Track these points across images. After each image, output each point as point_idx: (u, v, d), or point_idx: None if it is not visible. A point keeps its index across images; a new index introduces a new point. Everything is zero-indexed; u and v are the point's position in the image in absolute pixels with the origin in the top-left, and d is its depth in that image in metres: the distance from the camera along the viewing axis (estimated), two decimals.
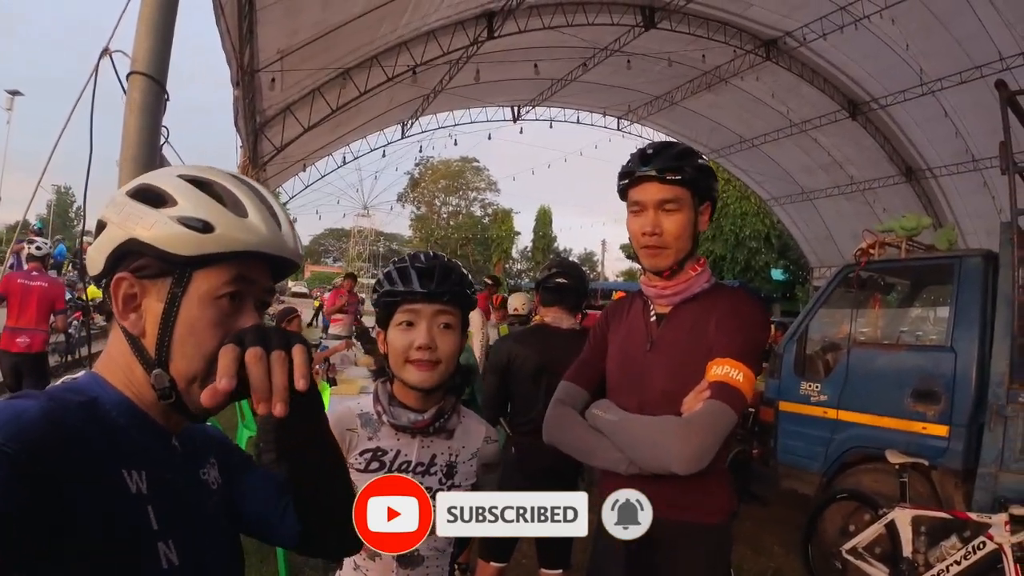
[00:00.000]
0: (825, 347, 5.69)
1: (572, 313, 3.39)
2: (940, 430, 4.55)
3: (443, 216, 63.76)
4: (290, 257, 1.00)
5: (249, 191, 0.97)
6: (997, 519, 3.67)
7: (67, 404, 0.83)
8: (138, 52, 2.60)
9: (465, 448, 1.75)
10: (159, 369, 0.91)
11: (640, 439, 1.76)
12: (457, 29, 13.89)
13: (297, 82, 12.24)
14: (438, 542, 1.71)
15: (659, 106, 20.19)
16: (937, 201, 18.24)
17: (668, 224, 1.82)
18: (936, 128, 15.93)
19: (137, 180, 0.97)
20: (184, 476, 0.99)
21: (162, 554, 0.86)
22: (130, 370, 0.93)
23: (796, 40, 15.25)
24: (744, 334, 1.80)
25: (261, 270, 0.99)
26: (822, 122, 17.89)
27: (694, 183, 1.83)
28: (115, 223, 0.92)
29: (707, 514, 1.83)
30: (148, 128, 2.58)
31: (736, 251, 34.19)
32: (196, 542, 0.94)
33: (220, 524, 1.05)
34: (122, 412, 0.91)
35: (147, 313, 0.92)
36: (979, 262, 4.74)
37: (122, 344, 0.94)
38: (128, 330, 0.92)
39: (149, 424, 0.94)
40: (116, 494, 0.82)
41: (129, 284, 0.92)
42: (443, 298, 1.64)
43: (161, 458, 0.94)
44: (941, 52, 13.68)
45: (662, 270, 1.88)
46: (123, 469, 0.85)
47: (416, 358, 1.62)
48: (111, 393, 0.92)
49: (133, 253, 0.91)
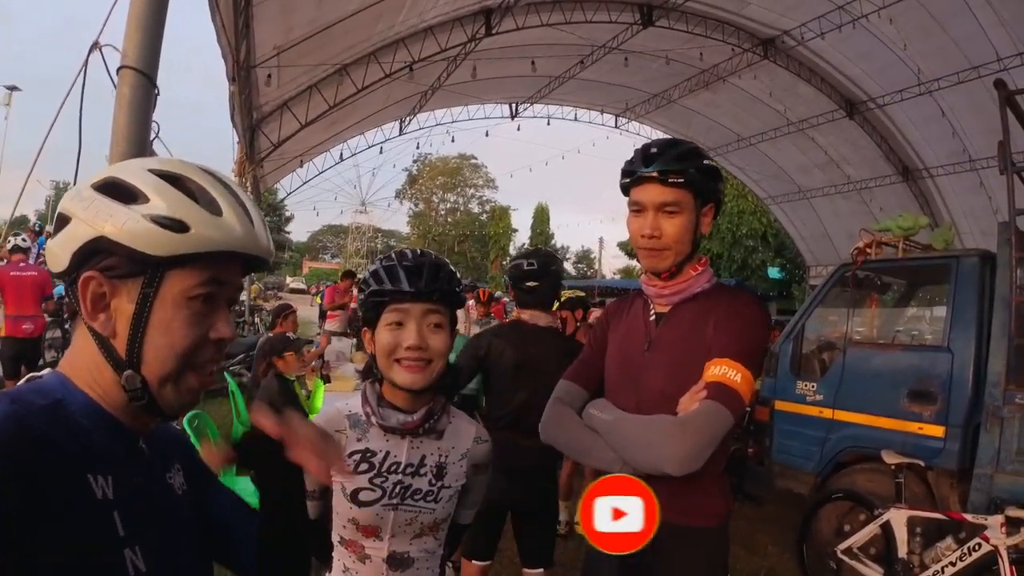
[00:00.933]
0: (821, 346, 5.69)
1: (547, 310, 3.39)
2: (936, 430, 4.54)
3: (441, 213, 64.05)
4: (263, 256, 0.97)
5: (221, 187, 0.94)
6: (993, 520, 3.65)
7: (31, 407, 0.81)
8: (128, 46, 2.57)
9: (455, 449, 1.72)
10: (130, 370, 0.89)
11: (634, 439, 1.74)
12: (455, 26, 13.90)
13: (294, 78, 12.24)
14: (428, 544, 1.69)
15: (657, 104, 20.21)
16: (934, 201, 18.28)
17: (668, 227, 1.80)
18: (933, 128, 15.98)
19: (103, 173, 0.92)
20: (151, 480, 0.97)
21: (128, 561, 0.85)
22: (98, 371, 0.90)
23: (794, 39, 15.26)
24: (744, 335, 1.77)
25: (233, 269, 0.97)
26: (819, 121, 17.94)
27: (697, 185, 1.80)
28: (81, 218, 0.88)
29: (703, 517, 1.81)
30: (138, 123, 2.54)
31: (733, 249, 34.30)
32: (164, 548, 0.92)
33: (188, 529, 1.03)
34: (87, 415, 0.88)
35: (117, 313, 0.89)
36: (976, 262, 4.73)
37: (89, 344, 0.91)
38: (97, 331, 0.89)
39: (115, 427, 0.91)
40: (81, 500, 0.81)
41: (97, 284, 0.88)
42: (432, 297, 1.61)
43: (128, 462, 0.92)
44: (939, 52, 13.71)
45: (661, 272, 1.86)
46: (88, 474, 0.83)
47: (405, 357, 1.59)
48: (76, 395, 0.89)
49: (102, 252, 0.87)
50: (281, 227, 64.72)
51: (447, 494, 1.69)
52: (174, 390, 0.92)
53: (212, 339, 0.93)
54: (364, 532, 1.64)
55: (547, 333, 3.30)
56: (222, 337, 0.94)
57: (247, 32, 9.45)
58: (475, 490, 1.80)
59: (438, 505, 1.67)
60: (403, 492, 1.64)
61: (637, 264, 2.27)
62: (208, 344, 0.93)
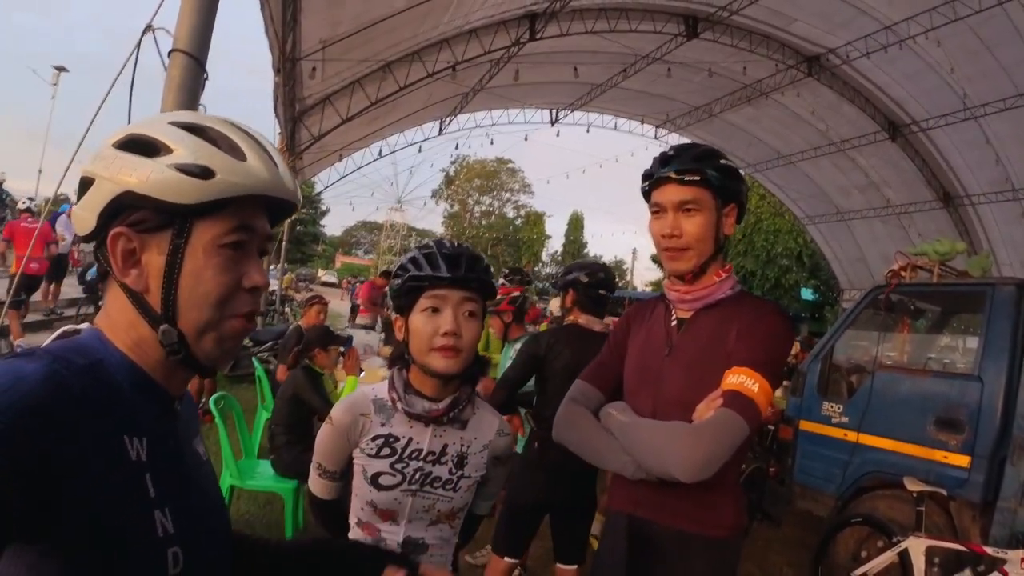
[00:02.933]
0: (850, 368, 5.62)
1: (602, 318, 3.51)
2: (961, 460, 4.45)
3: (475, 215, 64.20)
4: (290, 199, 0.97)
5: (243, 134, 0.94)
6: (1013, 555, 3.60)
7: (72, 366, 0.80)
8: (180, 30, 2.63)
9: (477, 439, 1.74)
10: (166, 324, 0.89)
11: (647, 443, 1.74)
12: (499, 29, 13.96)
13: (337, 73, 12.36)
14: (443, 532, 1.71)
15: (698, 116, 20.11)
16: (974, 229, 18.03)
17: (688, 226, 1.80)
18: (977, 154, 15.78)
19: (123, 131, 0.91)
20: (182, 443, 0.97)
21: (158, 522, 0.85)
22: (133, 328, 0.90)
23: (839, 58, 15.12)
24: (765, 344, 1.76)
25: (261, 216, 0.96)
26: (861, 142, 17.75)
27: (714, 183, 1.80)
28: (105, 177, 0.87)
29: (712, 527, 1.79)
30: (186, 106, 2.60)
31: (767, 268, 34.05)
32: (191, 510, 0.92)
33: (214, 493, 1.05)
34: (125, 375, 0.88)
35: (149, 268, 0.89)
36: (1013, 291, 4.65)
37: (122, 302, 0.91)
38: (130, 287, 0.89)
39: (152, 388, 0.91)
40: (116, 462, 0.81)
41: (127, 239, 0.88)
42: (470, 285, 1.62)
43: (162, 424, 0.92)
44: (986, 77, 13.55)
45: (684, 273, 1.86)
46: (124, 436, 0.83)
47: (441, 345, 1.60)
48: (115, 354, 0.89)
49: (128, 207, 0.87)
50: (316, 220, 65.38)
51: (466, 484, 1.70)
52: (214, 339, 0.92)
53: (246, 287, 0.93)
54: (381, 516, 1.67)
55: (601, 338, 3.36)
56: (256, 285, 0.94)
57: (294, 25, 9.60)
58: (493, 482, 1.81)
59: (456, 494, 1.69)
60: (423, 479, 1.66)
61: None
62: (242, 293, 0.93)
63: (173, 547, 0.86)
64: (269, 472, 4.65)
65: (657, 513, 1.82)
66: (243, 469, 4.59)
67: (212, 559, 0.97)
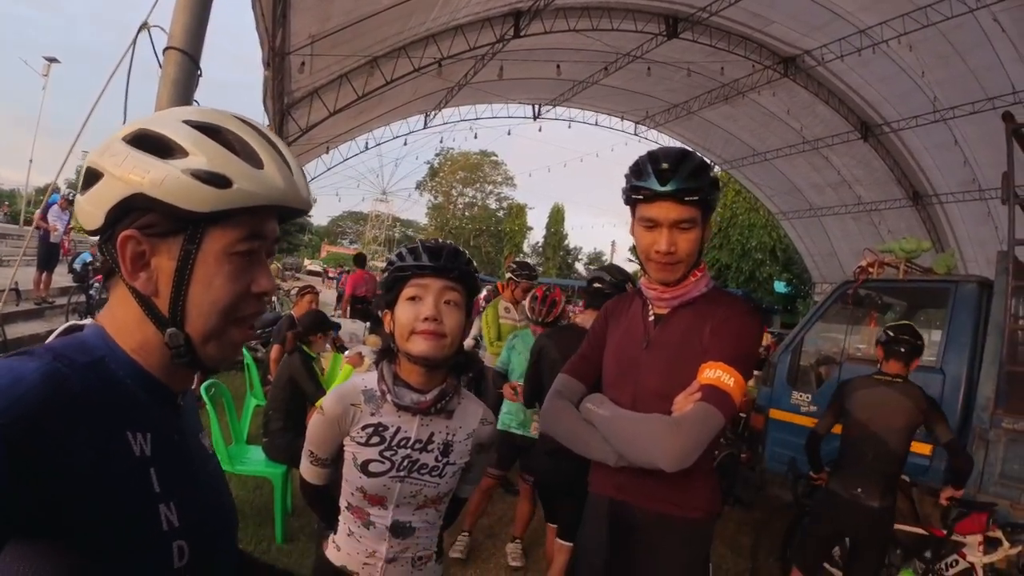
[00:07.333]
0: (819, 360, 5.77)
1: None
2: (923, 448, 4.60)
3: (459, 207, 64.05)
4: (304, 208, 0.95)
5: (259, 137, 0.90)
6: (972, 539, 3.78)
7: (74, 364, 0.79)
8: (175, 28, 2.69)
9: (462, 428, 1.80)
10: (174, 328, 0.87)
11: (630, 436, 1.82)
12: (484, 26, 14.07)
13: (326, 67, 12.40)
14: (429, 515, 1.79)
15: (676, 114, 20.34)
16: (941, 227, 18.43)
17: (683, 242, 1.85)
18: (945, 155, 16.10)
19: (134, 125, 0.88)
20: (186, 437, 0.97)
21: (163, 515, 0.85)
22: (139, 329, 0.88)
23: (814, 59, 15.40)
24: (738, 341, 1.84)
25: (272, 221, 0.94)
26: (834, 141, 18.08)
27: (707, 201, 1.84)
28: (115, 174, 0.83)
29: (689, 508, 1.89)
30: (180, 102, 2.64)
31: (742, 261, 34.38)
32: (196, 504, 0.92)
33: (219, 486, 1.05)
34: (129, 373, 0.87)
35: (158, 272, 0.86)
36: (974, 288, 4.84)
37: (129, 304, 0.88)
38: (139, 290, 0.87)
39: (155, 385, 0.90)
40: (119, 459, 0.80)
41: (136, 243, 0.85)
42: (451, 274, 1.68)
43: (166, 419, 0.92)
44: (956, 81, 13.84)
45: (672, 282, 1.93)
46: (128, 432, 0.83)
47: (422, 329, 1.65)
48: (118, 352, 0.87)
49: (139, 209, 0.84)
50: None
51: (451, 470, 1.77)
52: (217, 345, 0.91)
53: (254, 293, 0.92)
54: (371, 500, 1.73)
55: None
56: (264, 291, 0.93)
57: (284, 20, 9.64)
58: (476, 467, 1.90)
59: (442, 480, 1.76)
60: (410, 466, 1.72)
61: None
62: (250, 298, 0.92)
63: (179, 540, 0.86)
64: (259, 457, 4.71)
65: (637, 497, 1.91)
66: (233, 454, 4.65)
67: (219, 551, 0.98)
